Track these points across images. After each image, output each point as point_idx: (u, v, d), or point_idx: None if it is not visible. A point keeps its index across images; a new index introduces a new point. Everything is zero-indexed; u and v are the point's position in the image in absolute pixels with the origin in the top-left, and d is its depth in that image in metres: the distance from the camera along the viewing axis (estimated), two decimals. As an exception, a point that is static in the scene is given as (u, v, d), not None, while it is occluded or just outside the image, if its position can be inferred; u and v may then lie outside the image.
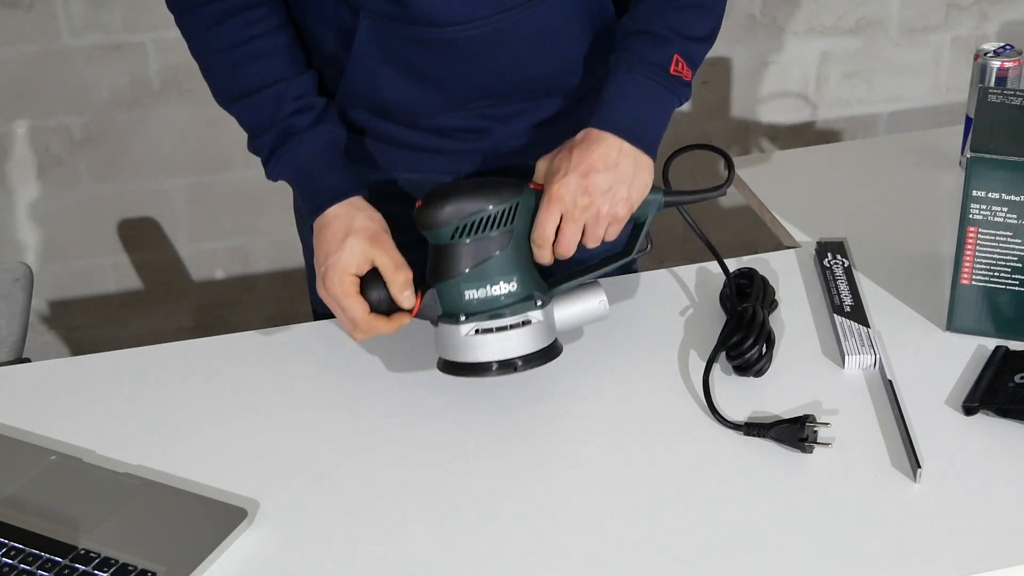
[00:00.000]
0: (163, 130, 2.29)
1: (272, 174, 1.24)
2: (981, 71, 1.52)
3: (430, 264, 1.16)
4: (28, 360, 1.71)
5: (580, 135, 1.18)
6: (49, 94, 2.22)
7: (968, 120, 1.53)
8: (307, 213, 1.22)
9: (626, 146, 1.17)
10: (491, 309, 1.13)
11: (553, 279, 1.20)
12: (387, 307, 1.14)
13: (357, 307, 1.14)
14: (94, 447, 1.12)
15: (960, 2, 2.56)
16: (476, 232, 1.12)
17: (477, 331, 1.12)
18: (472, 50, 1.22)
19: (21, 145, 2.25)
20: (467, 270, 1.13)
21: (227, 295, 2.48)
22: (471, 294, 1.13)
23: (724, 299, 1.28)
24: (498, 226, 1.12)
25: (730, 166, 1.26)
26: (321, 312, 1.47)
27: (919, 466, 1.05)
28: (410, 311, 1.15)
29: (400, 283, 1.14)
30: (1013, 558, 0.98)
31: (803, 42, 2.52)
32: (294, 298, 2.43)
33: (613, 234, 1.19)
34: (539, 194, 1.17)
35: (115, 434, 1.14)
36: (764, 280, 1.27)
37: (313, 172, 1.21)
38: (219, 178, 2.36)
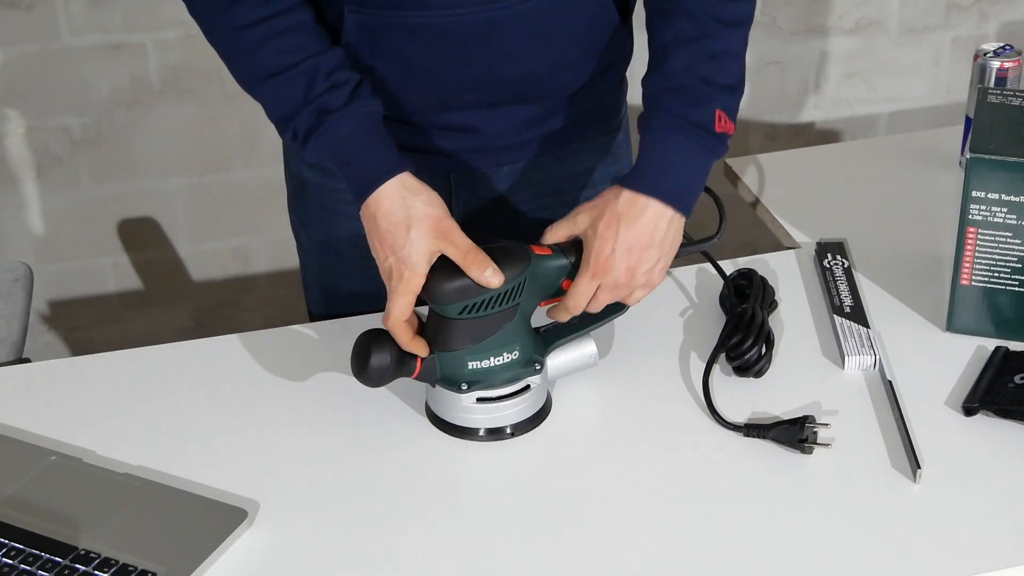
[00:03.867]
0: (163, 130, 2.29)
1: (311, 155, 1.19)
2: (981, 71, 1.52)
3: (432, 329, 1.12)
4: (28, 360, 1.71)
5: (625, 198, 1.13)
6: (49, 94, 2.22)
7: (968, 120, 1.53)
8: (353, 196, 1.17)
9: (670, 213, 1.14)
10: (492, 378, 1.11)
11: (549, 335, 1.18)
12: (394, 370, 1.10)
13: (404, 308, 1.10)
14: (94, 447, 1.12)
15: (960, 2, 2.56)
16: (483, 310, 1.09)
17: (478, 400, 1.12)
18: (463, 39, 1.20)
19: (21, 145, 2.25)
20: (472, 343, 1.10)
21: (227, 295, 2.48)
22: (474, 365, 1.11)
23: (724, 300, 1.28)
24: (505, 303, 1.10)
25: (721, 213, 1.23)
26: (316, 311, 1.47)
27: (919, 467, 1.05)
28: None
29: (478, 266, 1.08)
30: (1013, 558, 0.98)
31: (803, 42, 2.52)
32: (294, 298, 2.42)
33: (639, 298, 1.18)
34: (546, 259, 1.14)
35: (115, 434, 1.14)
36: (763, 281, 1.27)
37: (354, 153, 1.16)
38: (219, 178, 2.36)
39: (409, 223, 1.11)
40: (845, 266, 1.34)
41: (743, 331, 1.18)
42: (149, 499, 1.05)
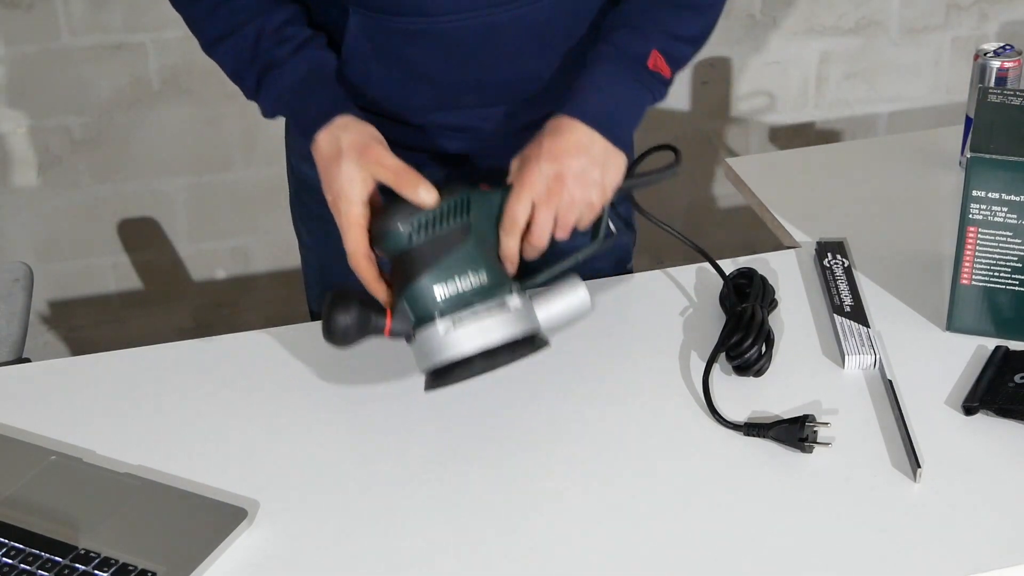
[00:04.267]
0: (163, 130, 2.29)
1: (266, 111, 1.23)
2: (981, 71, 1.52)
3: (395, 280, 1.12)
4: (28, 360, 1.71)
5: (550, 124, 1.16)
6: (49, 94, 2.22)
7: (968, 120, 1.53)
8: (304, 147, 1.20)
9: (597, 136, 1.15)
10: (465, 302, 1.09)
11: (524, 276, 1.17)
12: (359, 326, 1.09)
13: (357, 240, 1.11)
14: (94, 447, 1.12)
15: (960, 2, 2.56)
16: (430, 229, 1.09)
17: (455, 324, 1.09)
18: (463, 43, 1.21)
19: (21, 145, 2.25)
20: (431, 266, 1.09)
21: (227, 295, 2.48)
22: (441, 290, 1.09)
23: (724, 299, 1.28)
24: (451, 219, 1.10)
25: (677, 154, 1.24)
26: (317, 310, 1.47)
27: (919, 466, 1.05)
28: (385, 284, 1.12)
29: (410, 184, 1.09)
30: (1013, 558, 0.98)
31: (803, 42, 2.52)
32: (294, 298, 2.42)
33: (585, 223, 1.17)
34: (501, 193, 1.14)
35: (115, 434, 1.14)
36: (763, 280, 1.27)
37: (296, 102, 1.19)
38: (219, 178, 2.36)
39: (339, 156, 1.13)
40: (845, 266, 1.34)
41: (743, 330, 1.18)
42: (149, 499, 1.05)
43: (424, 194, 1.09)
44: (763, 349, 1.17)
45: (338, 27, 1.22)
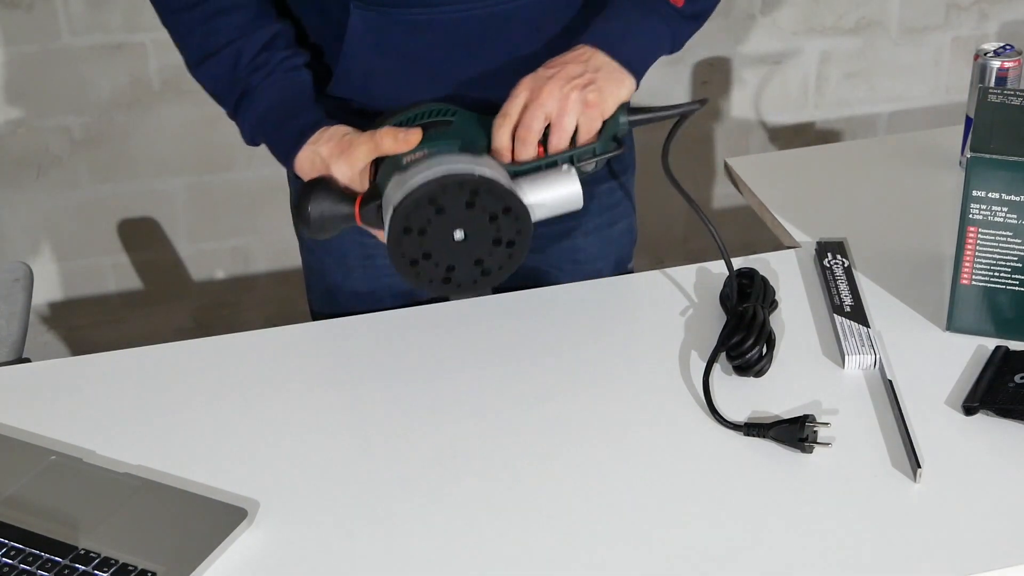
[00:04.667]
0: (163, 130, 2.29)
1: (245, 137, 1.25)
2: (981, 71, 1.52)
3: (378, 179, 1.13)
4: (28, 360, 1.71)
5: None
6: (49, 94, 2.22)
7: (968, 120, 1.53)
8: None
9: (601, 53, 1.17)
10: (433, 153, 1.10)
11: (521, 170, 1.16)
12: (328, 222, 1.10)
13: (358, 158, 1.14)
14: (94, 447, 1.12)
15: (960, 2, 2.56)
16: (415, 122, 1.10)
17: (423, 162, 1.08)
18: (466, 35, 1.21)
19: (21, 145, 2.25)
20: (412, 152, 1.10)
21: (227, 295, 2.48)
22: (410, 156, 1.10)
23: (724, 299, 1.28)
24: (437, 116, 1.10)
25: (703, 100, 1.25)
26: (319, 310, 1.47)
27: (919, 466, 1.05)
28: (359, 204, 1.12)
29: (391, 138, 1.12)
30: (1013, 558, 0.98)
31: (803, 42, 2.52)
32: (294, 298, 2.43)
33: (584, 133, 1.16)
34: (488, 119, 1.15)
35: (115, 434, 1.14)
36: (764, 280, 1.27)
37: (271, 127, 1.21)
38: (219, 178, 2.36)
39: (326, 168, 1.16)
40: (845, 265, 1.34)
41: (744, 330, 1.18)
42: (149, 499, 1.05)
43: (404, 135, 1.11)
44: (764, 350, 1.17)
45: (339, 24, 1.22)
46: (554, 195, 1.15)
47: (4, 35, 2.15)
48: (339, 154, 1.15)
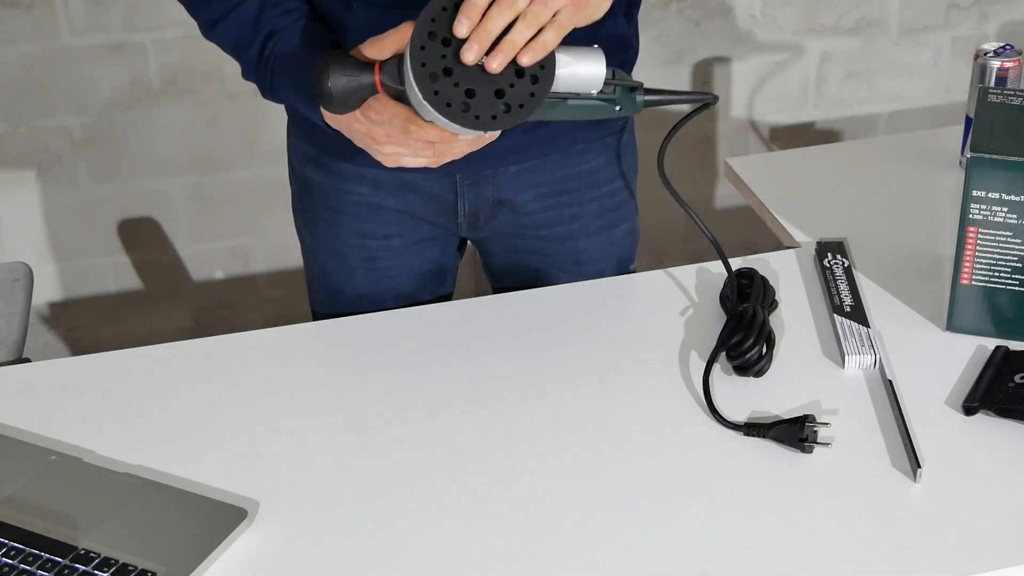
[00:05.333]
0: (163, 130, 2.29)
1: (265, 85, 1.22)
2: (981, 71, 1.52)
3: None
4: (28, 360, 1.71)
5: None
6: (49, 94, 2.22)
7: (968, 120, 1.53)
8: (312, 114, 1.18)
9: None
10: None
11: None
12: (350, 93, 1.06)
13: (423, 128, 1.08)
14: (94, 447, 1.12)
15: (960, 2, 2.56)
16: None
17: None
18: None
19: (21, 145, 2.25)
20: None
21: (227, 295, 2.48)
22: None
23: (724, 299, 1.28)
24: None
25: (716, 97, 1.23)
26: (320, 312, 1.47)
27: (919, 466, 1.05)
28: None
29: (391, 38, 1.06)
30: (1013, 558, 0.98)
31: (803, 42, 2.52)
32: (294, 298, 2.43)
33: (541, 45, 1.04)
34: None
35: (115, 434, 1.14)
36: (764, 280, 1.27)
37: (298, 65, 1.18)
38: (219, 178, 2.36)
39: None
40: (845, 266, 1.34)
41: (744, 330, 1.18)
42: (149, 499, 1.05)
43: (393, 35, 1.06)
44: (764, 350, 1.17)
45: (341, 22, 1.23)
46: (579, 65, 1.08)
47: (4, 35, 2.16)
48: (369, 46, 1.11)
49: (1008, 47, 1.53)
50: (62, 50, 2.19)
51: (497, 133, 1.10)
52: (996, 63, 1.51)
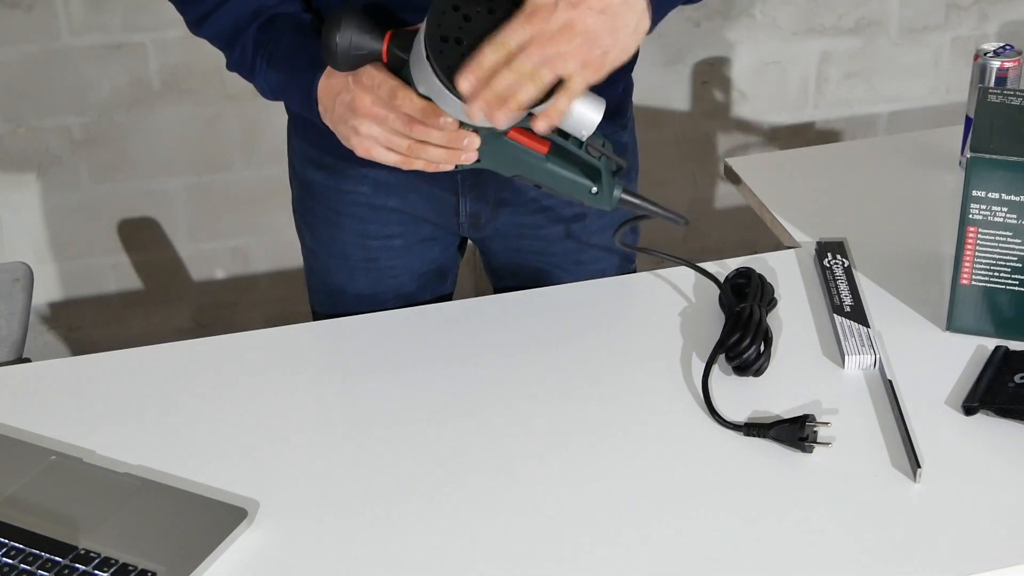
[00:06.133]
0: (163, 130, 2.29)
1: (262, 81, 1.21)
2: (981, 71, 1.52)
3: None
4: (28, 360, 1.71)
5: None
6: (49, 94, 2.22)
7: (968, 120, 1.53)
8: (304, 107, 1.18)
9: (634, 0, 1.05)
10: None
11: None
12: (355, 49, 1.06)
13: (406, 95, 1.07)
14: (94, 447, 1.12)
15: (960, 2, 2.56)
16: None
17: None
18: None
19: (21, 145, 2.25)
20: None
21: (227, 295, 2.48)
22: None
23: (723, 301, 1.28)
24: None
25: (687, 220, 1.22)
26: (321, 312, 1.47)
27: (919, 466, 1.05)
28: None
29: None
30: (1013, 558, 0.98)
31: (803, 42, 2.52)
32: (294, 298, 2.43)
33: (555, 112, 1.05)
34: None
35: (115, 434, 1.14)
36: (762, 278, 1.27)
37: (301, 50, 1.17)
38: (219, 178, 2.36)
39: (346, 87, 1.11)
40: (845, 265, 1.34)
41: (741, 330, 1.18)
42: (149, 499, 1.05)
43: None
44: (761, 348, 1.17)
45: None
46: (580, 100, 1.08)
47: (4, 35, 2.16)
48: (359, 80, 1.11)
49: (1008, 47, 1.53)
50: (62, 50, 2.19)
51: (475, 154, 1.10)
52: (996, 63, 1.51)
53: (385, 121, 1.09)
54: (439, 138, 1.09)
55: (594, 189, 1.14)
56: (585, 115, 1.09)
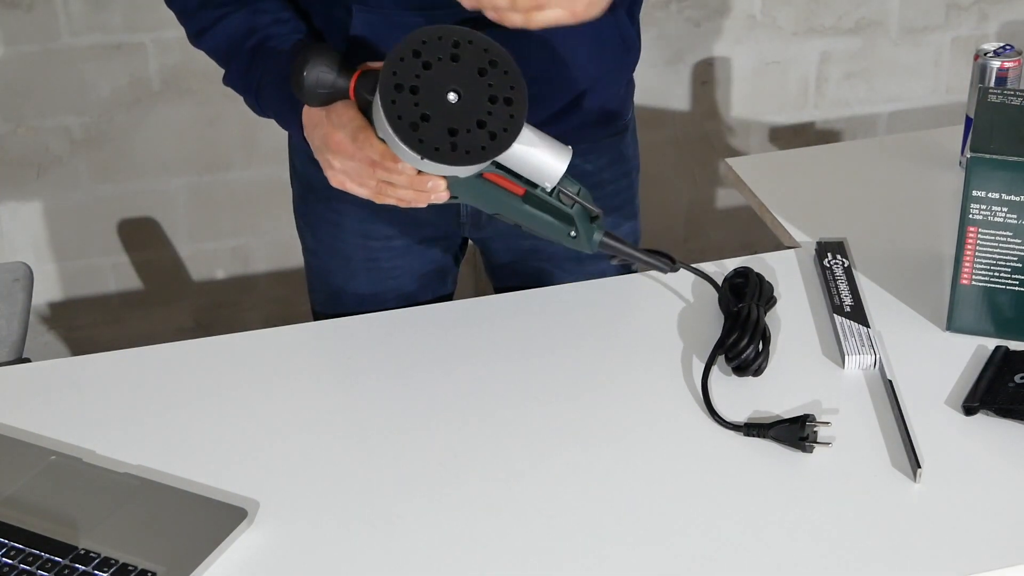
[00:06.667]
0: (163, 130, 2.29)
1: (253, 97, 1.22)
2: (981, 71, 1.52)
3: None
4: (28, 360, 1.71)
5: None
6: (49, 94, 2.22)
7: (968, 120, 1.53)
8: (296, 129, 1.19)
9: None
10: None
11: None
12: (321, 87, 1.07)
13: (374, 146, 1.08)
14: (94, 447, 1.12)
15: (960, 2, 2.56)
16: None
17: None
18: None
19: (21, 145, 2.25)
20: None
21: (227, 295, 2.48)
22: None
23: (721, 303, 1.28)
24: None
25: (673, 263, 1.23)
26: (321, 312, 1.47)
27: (919, 466, 1.05)
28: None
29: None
30: (1013, 558, 0.98)
31: (803, 42, 2.52)
32: (294, 298, 2.43)
33: (540, 20, 1.06)
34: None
35: (115, 434, 1.14)
36: (760, 278, 1.27)
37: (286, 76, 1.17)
38: (219, 178, 2.36)
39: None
40: (845, 265, 1.34)
41: (739, 330, 1.18)
42: (149, 499, 1.05)
43: None
44: (760, 347, 1.17)
45: (342, 26, 1.22)
46: (542, 148, 1.09)
47: (4, 35, 2.15)
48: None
49: (1008, 47, 1.53)
50: (62, 50, 2.19)
51: (446, 194, 1.10)
52: (996, 63, 1.51)
53: (353, 159, 1.10)
54: (401, 181, 1.10)
55: (572, 233, 1.15)
56: (548, 163, 1.10)
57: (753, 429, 1.11)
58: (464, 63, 1.05)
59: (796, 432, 1.09)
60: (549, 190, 1.12)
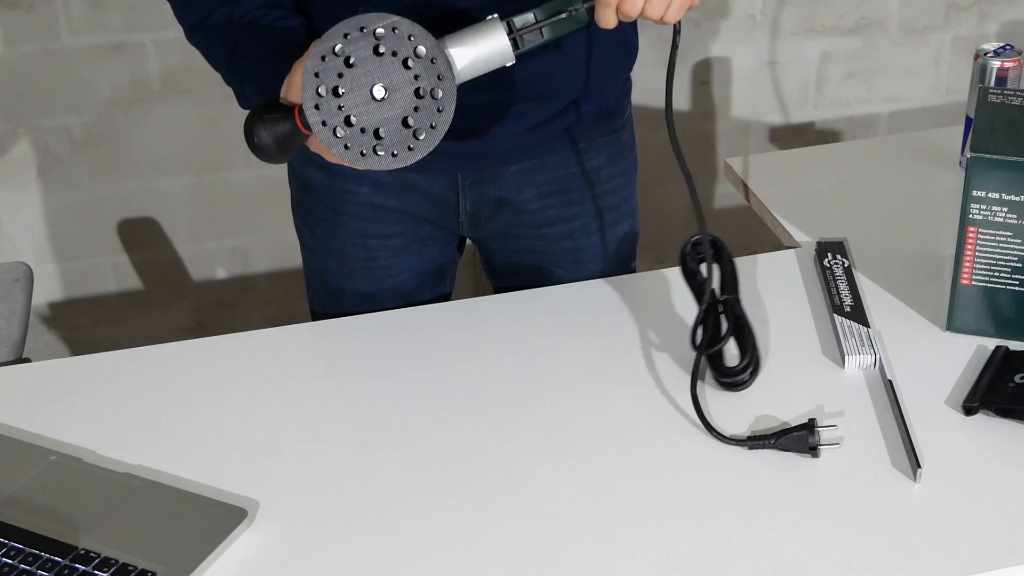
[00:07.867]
0: (163, 130, 2.29)
1: (240, 98, 1.22)
2: (981, 71, 1.52)
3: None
4: (28, 360, 1.71)
5: None
6: (49, 94, 2.22)
7: (968, 120, 1.53)
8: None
9: None
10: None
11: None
12: (279, 143, 1.06)
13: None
14: (94, 447, 1.12)
15: (960, 2, 2.56)
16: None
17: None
18: None
19: (21, 145, 2.25)
20: None
21: (227, 295, 2.48)
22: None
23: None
24: None
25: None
26: (320, 311, 1.47)
27: (919, 466, 1.05)
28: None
29: None
30: (1013, 558, 0.98)
31: (803, 42, 2.52)
32: (294, 298, 2.43)
33: (674, 12, 1.11)
34: None
35: (115, 434, 1.14)
36: (718, 251, 1.20)
37: (260, 77, 1.17)
38: (219, 178, 2.36)
39: None
40: (845, 266, 1.34)
41: (720, 336, 1.16)
42: (149, 499, 1.05)
43: None
44: (747, 359, 1.15)
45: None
46: (480, 47, 1.06)
47: (4, 35, 2.15)
48: (286, 88, 1.11)
49: (1008, 47, 1.53)
50: (62, 50, 2.19)
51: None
52: (996, 63, 1.51)
53: None
54: None
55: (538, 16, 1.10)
56: (493, 50, 1.06)
57: (756, 442, 1.09)
58: (387, 55, 1.02)
59: (805, 440, 1.08)
60: (516, 55, 1.08)
